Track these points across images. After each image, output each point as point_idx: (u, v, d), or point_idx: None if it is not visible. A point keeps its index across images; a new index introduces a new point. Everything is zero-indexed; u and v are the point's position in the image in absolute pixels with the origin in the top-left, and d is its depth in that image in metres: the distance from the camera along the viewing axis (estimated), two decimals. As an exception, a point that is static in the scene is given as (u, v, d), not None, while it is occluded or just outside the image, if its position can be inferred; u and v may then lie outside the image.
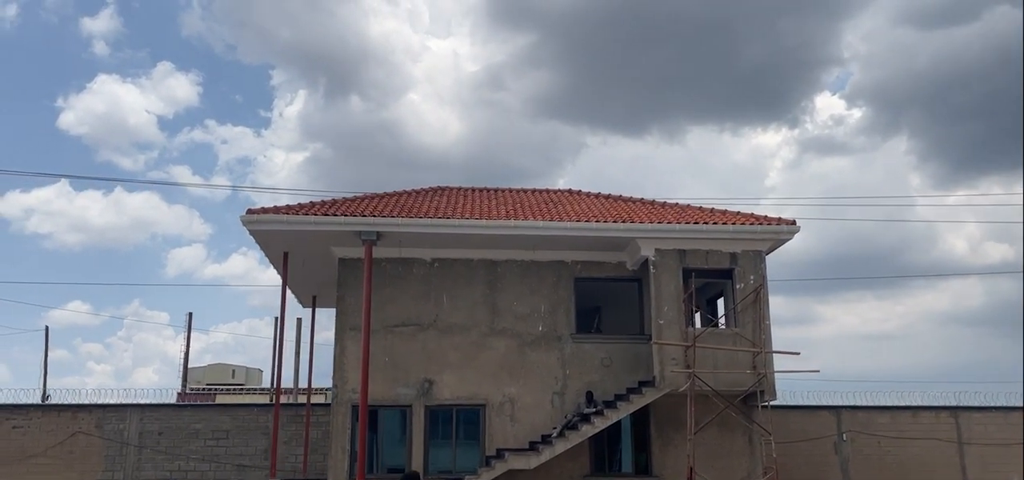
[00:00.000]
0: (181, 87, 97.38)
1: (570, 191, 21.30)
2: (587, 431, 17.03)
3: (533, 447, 17.12)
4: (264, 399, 33.39)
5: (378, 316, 17.95)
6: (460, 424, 18.09)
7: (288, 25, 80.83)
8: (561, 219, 17.78)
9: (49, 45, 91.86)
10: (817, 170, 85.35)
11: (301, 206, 17.78)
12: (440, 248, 18.30)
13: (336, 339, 18.02)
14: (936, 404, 24.14)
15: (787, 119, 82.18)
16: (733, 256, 17.94)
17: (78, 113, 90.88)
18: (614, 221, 17.73)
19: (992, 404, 24.20)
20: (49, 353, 32.30)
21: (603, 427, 17.12)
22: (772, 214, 18.73)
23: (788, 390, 24.41)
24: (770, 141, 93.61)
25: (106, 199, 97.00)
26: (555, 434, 17.20)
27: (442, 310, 18.30)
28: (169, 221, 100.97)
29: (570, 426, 17.28)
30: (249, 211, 16.95)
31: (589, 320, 19.99)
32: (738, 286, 17.82)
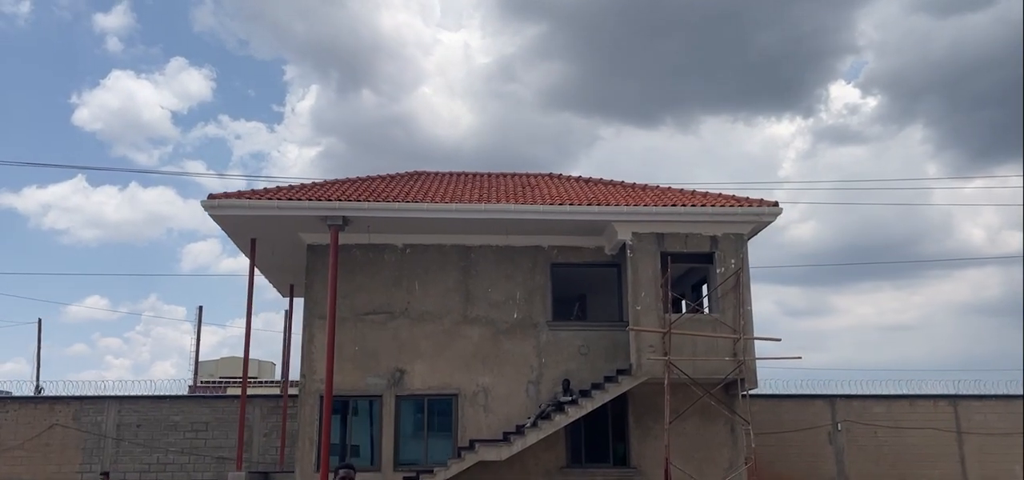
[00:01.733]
0: (194, 82, 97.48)
1: (550, 175, 20.72)
2: (560, 421, 16.48)
3: (507, 438, 16.58)
4: (275, 391, 33.08)
5: (348, 304, 17.48)
6: (432, 415, 17.58)
7: (300, 19, 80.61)
8: (535, 202, 17.20)
9: (62, 42, 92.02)
10: (832, 160, 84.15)
11: (266, 190, 17.32)
12: (411, 233, 17.78)
13: (304, 328, 17.56)
14: (934, 392, 23.41)
15: (801, 108, 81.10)
16: (713, 239, 17.29)
17: (93, 109, 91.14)
18: (589, 204, 17.13)
19: (992, 392, 23.41)
20: (41, 346, 32.05)
21: (577, 417, 16.56)
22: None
23: (782, 379, 23.87)
24: (784, 131, 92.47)
25: (122, 194, 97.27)
26: (528, 424, 16.66)
27: (414, 297, 17.78)
28: (184, 216, 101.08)
29: (544, 416, 16.74)
30: (211, 195, 16.48)
31: (573, 307, 19.45)
32: (719, 271, 17.19)
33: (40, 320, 32.48)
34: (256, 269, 20.56)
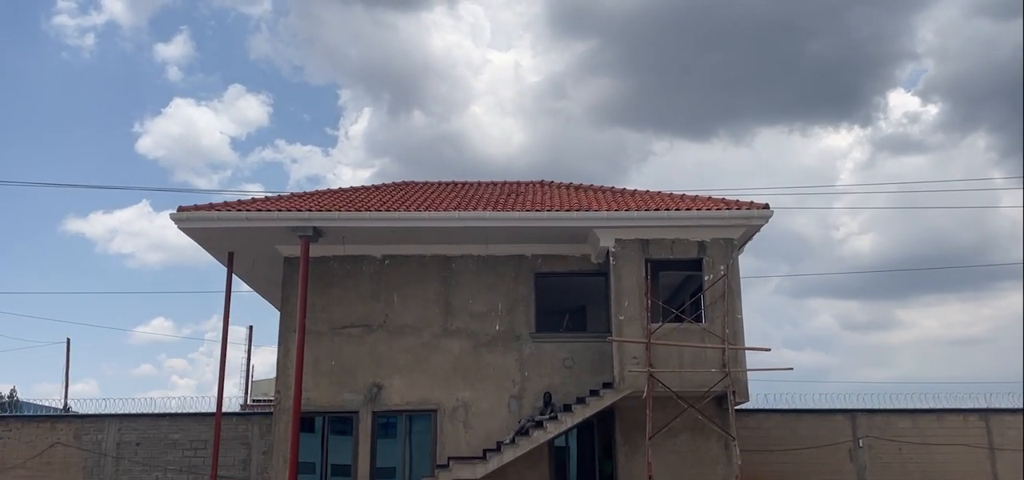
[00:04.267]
0: (252, 108, 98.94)
1: (542, 182, 20.04)
2: (539, 437, 15.72)
3: (485, 455, 15.88)
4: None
5: (325, 317, 17.05)
6: (410, 431, 16.97)
7: (353, 44, 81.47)
8: (514, 209, 16.54)
9: (126, 72, 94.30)
10: (892, 170, 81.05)
11: (239, 202, 16.99)
12: (390, 244, 17.26)
13: (279, 343, 17.14)
14: (963, 406, 21.97)
15: (859, 118, 78.42)
16: (701, 245, 16.41)
17: (155, 137, 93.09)
18: (568, 210, 16.40)
19: (1027, 405, 21.88)
20: (70, 364, 32.45)
21: (557, 433, 15.79)
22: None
23: (799, 393, 22.66)
24: (841, 141, 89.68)
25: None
26: (507, 441, 15.96)
27: (393, 310, 17.23)
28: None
29: (523, 432, 16.02)
30: (180, 208, 16.18)
31: (562, 319, 18.71)
32: (706, 277, 16.29)
33: (68, 340, 33.03)
34: (249, 284, 20.43)
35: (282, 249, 17.22)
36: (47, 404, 28.22)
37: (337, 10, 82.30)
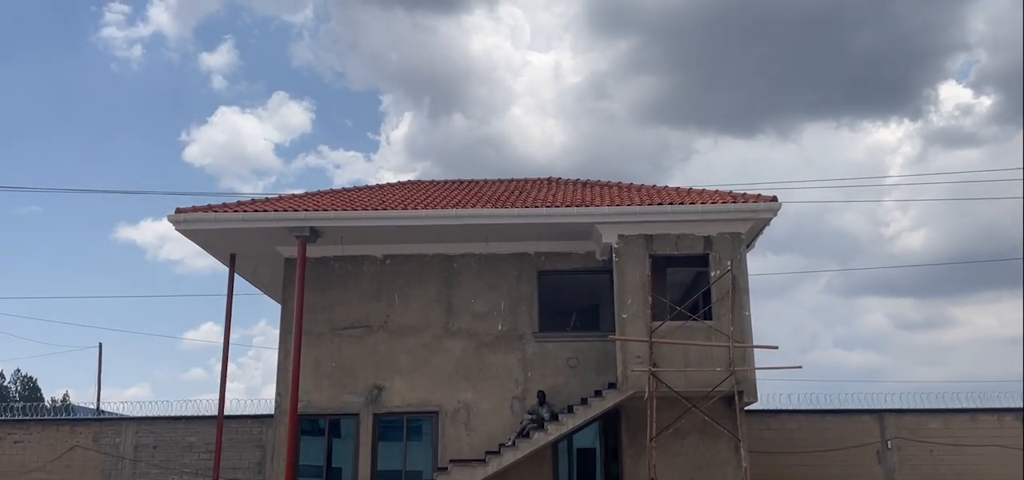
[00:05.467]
0: (295, 115, 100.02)
1: (549, 179, 19.62)
2: (539, 439, 15.30)
3: (485, 458, 15.51)
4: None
5: (325, 318, 16.84)
6: (412, 434, 16.67)
7: (394, 48, 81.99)
8: (514, 206, 16.14)
9: (172, 81, 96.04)
10: (944, 164, 78.66)
11: (237, 203, 16.85)
12: (390, 243, 16.98)
13: (280, 344, 16.94)
14: (998, 406, 21.02)
15: (909, 111, 76.40)
16: (707, 240, 15.84)
17: (202, 145, 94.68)
18: (570, 206, 15.95)
19: (1065, 405, 20.85)
20: (102, 369, 32.85)
21: (557, 435, 15.35)
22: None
23: (825, 393, 21.90)
24: (891, 135, 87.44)
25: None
26: (508, 443, 15.57)
27: (394, 310, 16.94)
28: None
29: (523, 434, 15.61)
30: (178, 210, 16.08)
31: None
32: (713, 274, 15.73)
33: (100, 345, 33.32)
34: (255, 285, 20.34)
35: (282, 250, 17.06)
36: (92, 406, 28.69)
37: (377, 15, 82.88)
